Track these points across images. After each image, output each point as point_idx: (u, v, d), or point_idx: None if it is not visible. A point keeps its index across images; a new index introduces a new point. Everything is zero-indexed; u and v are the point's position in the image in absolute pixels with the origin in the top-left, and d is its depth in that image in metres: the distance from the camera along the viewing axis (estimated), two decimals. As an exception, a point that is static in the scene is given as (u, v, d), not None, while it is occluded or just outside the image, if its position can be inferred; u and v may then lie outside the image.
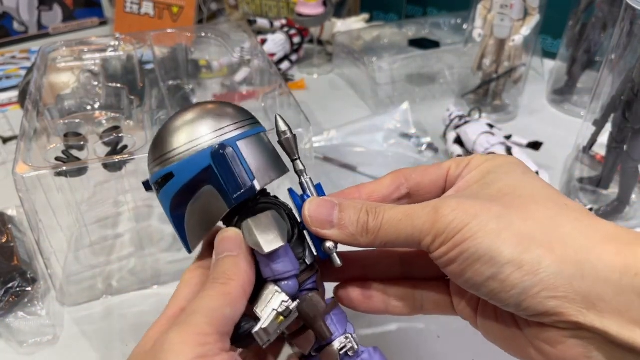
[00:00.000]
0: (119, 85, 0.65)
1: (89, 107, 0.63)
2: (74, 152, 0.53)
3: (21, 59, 0.98)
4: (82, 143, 0.54)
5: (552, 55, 0.89)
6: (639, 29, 0.50)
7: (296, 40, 0.94)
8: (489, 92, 0.78)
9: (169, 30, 0.71)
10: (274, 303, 0.29)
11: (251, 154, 0.29)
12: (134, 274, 0.51)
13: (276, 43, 0.91)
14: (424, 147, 0.70)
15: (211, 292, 0.27)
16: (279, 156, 0.32)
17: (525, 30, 0.70)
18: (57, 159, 0.50)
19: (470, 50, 0.78)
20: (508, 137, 0.66)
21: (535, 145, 0.66)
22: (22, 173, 0.40)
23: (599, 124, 0.57)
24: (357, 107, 0.82)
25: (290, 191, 0.32)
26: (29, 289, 0.47)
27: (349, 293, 0.35)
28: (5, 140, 0.72)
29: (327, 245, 0.30)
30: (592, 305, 0.24)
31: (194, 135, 0.29)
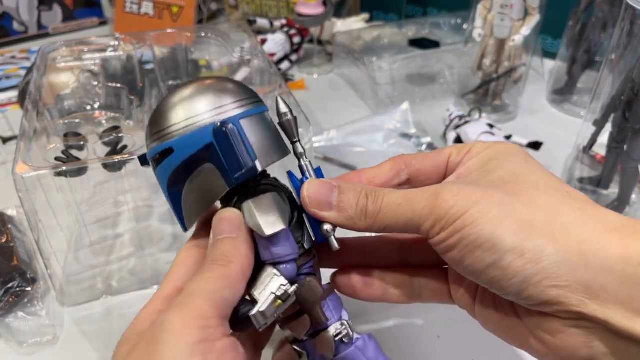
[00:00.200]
0: (118, 85, 0.65)
1: (88, 107, 0.63)
2: (74, 152, 0.53)
3: (21, 59, 0.98)
4: (82, 143, 0.54)
5: (552, 55, 0.89)
6: (639, 29, 0.50)
7: (296, 40, 0.94)
8: (489, 92, 0.78)
9: (168, 30, 0.71)
10: (272, 286, 0.28)
11: (254, 134, 0.29)
12: (133, 274, 0.51)
13: (276, 43, 0.91)
14: (424, 147, 0.70)
15: (210, 273, 0.27)
16: (281, 137, 0.31)
17: (525, 30, 0.70)
18: (57, 159, 0.50)
19: (470, 50, 0.78)
20: (508, 137, 0.66)
21: (535, 145, 0.66)
22: (21, 173, 0.40)
23: (599, 124, 0.57)
24: (357, 107, 0.82)
25: (290, 174, 0.31)
26: (29, 289, 0.47)
27: (347, 279, 0.34)
28: (5, 140, 0.72)
29: (325, 228, 0.29)
30: (594, 295, 0.24)
31: (196, 111, 0.28)
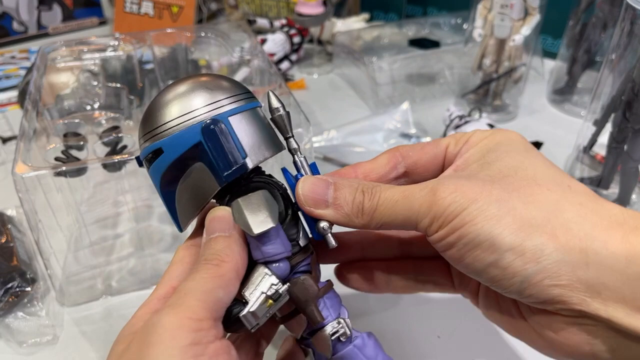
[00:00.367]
0: (118, 85, 0.65)
1: (88, 107, 0.63)
2: (74, 152, 0.53)
3: (21, 59, 0.98)
4: (81, 143, 0.54)
5: (552, 55, 0.89)
6: (639, 29, 0.50)
7: (296, 40, 0.94)
8: (489, 92, 0.78)
9: (168, 30, 0.71)
10: (263, 286, 0.27)
11: (244, 130, 0.28)
12: (133, 274, 0.51)
13: (276, 43, 0.91)
14: (424, 147, 0.70)
15: (204, 273, 0.26)
16: (275, 133, 0.30)
17: (526, 30, 0.70)
18: (56, 159, 0.50)
19: (470, 50, 0.77)
20: (508, 137, 0.66)
21: (536, 145, 0.66)
22: (21, 173, 0.40)
23: (599, 124, 0.57)
24: (357, 107, 0.82)
25: (284, 170, 0.30)
26: (29, 289, 0.47)
27: (349, 273, 0.34)
28: (5, 141, 0.72)
29: (321, 226, 0.29)
30: (596, 294, 0.24)
31: (185, 110, 0.27)
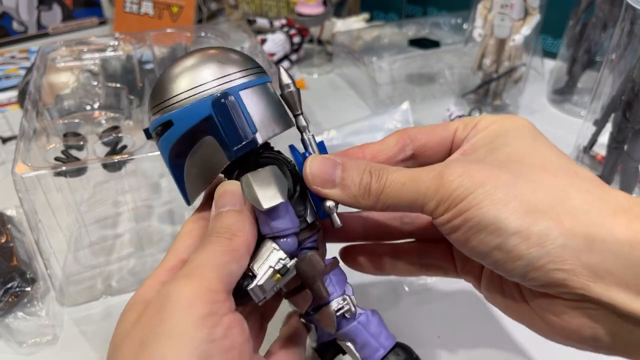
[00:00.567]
0: (118, 85, 0.65)
1: (88, 107, 0.63)
2: (74, 152, 0.53)
3: (20, 59, 0.98)
4: (81, 143, 0.54)
5: (552, 55, 0.89)
6: (639, 29, 0.50)
7: (296, 40, 0.94)
8: (489, 91, 0.78)
9: (168, 30, 0.71)
10: (271, 260, 0.28)
11: (255, 105, 0.28)
12: (133, 274, 0.51)
13: (276, 43, 0.91)
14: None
15: (216, 246, 0.26)
16: (284, 109, 0.30)
17: (526, 30, 0.70)
18: (56, 159, 0.50)
19: (470, 50, 0.77)
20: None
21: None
22: (21, 173, 0.40)
23: (599, 124, 0.57)
24: (357, 107, 0.82)
25: (292, 148, 0.30)
26: (29, 289, 0.47)
27: (354, 255, 0.34)
28: (5, 140, 0.72)
29: (328, 205, 0.29)
30: (599, 278, 0.24)
31: (195, 82, 0.27)
